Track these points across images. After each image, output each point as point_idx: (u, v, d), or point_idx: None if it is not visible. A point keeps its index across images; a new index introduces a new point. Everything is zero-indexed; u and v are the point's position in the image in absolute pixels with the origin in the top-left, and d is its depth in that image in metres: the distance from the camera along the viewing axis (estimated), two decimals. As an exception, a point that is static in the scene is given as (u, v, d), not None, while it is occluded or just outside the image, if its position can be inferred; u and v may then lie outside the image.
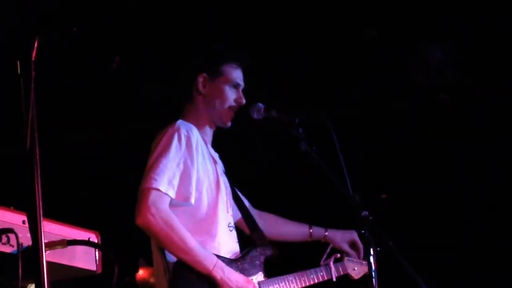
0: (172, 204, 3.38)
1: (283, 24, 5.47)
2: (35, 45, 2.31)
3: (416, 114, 6.20)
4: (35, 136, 2.28)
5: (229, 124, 3.73)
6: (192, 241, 3.34)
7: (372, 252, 3.19)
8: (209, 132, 3.72)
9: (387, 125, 6.29)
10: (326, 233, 4.00)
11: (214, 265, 3.35)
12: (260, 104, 3.70)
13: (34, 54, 2.30)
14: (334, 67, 5.81)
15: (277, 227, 4.03)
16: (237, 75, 3.73)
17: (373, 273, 3.16)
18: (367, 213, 3.26)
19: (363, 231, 3.24)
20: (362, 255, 4.00)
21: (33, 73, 2.30)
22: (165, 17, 5.30)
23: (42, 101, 2.36)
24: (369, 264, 3.18)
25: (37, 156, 2.28)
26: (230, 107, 3.70)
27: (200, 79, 3.68)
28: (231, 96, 3.69)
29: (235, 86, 3.71)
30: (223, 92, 3.68)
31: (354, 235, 4.02)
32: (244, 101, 3.72)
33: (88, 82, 5.76)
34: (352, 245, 4.04)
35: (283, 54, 5.65)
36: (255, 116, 3.70)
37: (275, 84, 5.45)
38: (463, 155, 6.29)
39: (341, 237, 4.01)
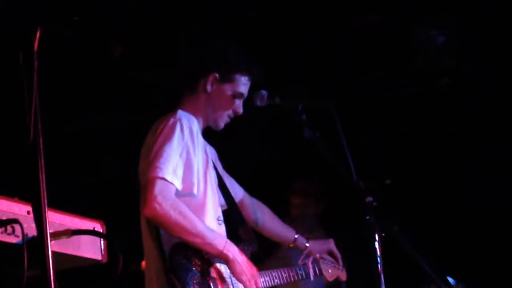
0: (175, 194, 3.37)
1: (285, 10, 5.45)
2: (37, 36, 2.30)
3: (418, 98, 6.19)
4: (39, 127, 2.28)
5: (222, 128, 3.72)
6: (201, 224, 3.37)
7: (377, 238, 3.21)
8: (202, 125, 3.69)
9: (391, 111, 6.28)
10: (307, 245, 4.07)
11: (224, 245, 3.39)
12: (263, 91, 3.68)
13: (36, 45, 2.30)
14: (336, 53, 5.80)
15: (270, 222, 4.07)
16: (246, 87, 3.70)
17: (378, 258, 3.17)
18: (371, 198, 3.26)
19: (367, 217, 3.25)
20: (340, 261, 4.10)
21: (36, 63, 2.29)
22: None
23: (45, 91, 2.36)
24: (374, 249, 3.19)
25: (41, 147, 2.28)
26: (228, 115, 3.69)
27: (211, 78, 3.63)
28: (233, 104, 3.68)
29: (240, 96, 3.70)
30: (227, 99, 3.66)
31: (331, 245, 4.10)
32: (241, 111, 3.71)
33: (90, 70, 5.76)
34: (330, 253, 4.10)
35: (285, 41, 5.64)
36: (259, 103, 3.68)
37: (278, 71, 5.43)
38: (466, 139, 6.29)
39: (320, 248, 4.07)
